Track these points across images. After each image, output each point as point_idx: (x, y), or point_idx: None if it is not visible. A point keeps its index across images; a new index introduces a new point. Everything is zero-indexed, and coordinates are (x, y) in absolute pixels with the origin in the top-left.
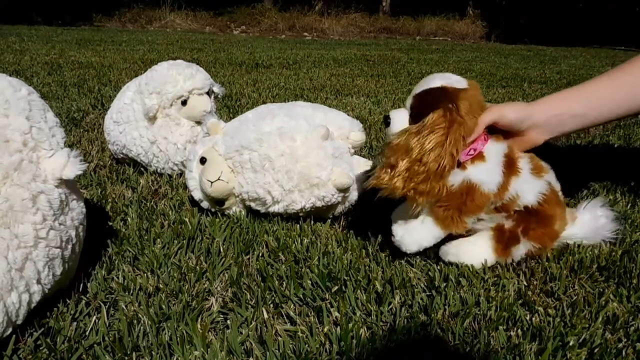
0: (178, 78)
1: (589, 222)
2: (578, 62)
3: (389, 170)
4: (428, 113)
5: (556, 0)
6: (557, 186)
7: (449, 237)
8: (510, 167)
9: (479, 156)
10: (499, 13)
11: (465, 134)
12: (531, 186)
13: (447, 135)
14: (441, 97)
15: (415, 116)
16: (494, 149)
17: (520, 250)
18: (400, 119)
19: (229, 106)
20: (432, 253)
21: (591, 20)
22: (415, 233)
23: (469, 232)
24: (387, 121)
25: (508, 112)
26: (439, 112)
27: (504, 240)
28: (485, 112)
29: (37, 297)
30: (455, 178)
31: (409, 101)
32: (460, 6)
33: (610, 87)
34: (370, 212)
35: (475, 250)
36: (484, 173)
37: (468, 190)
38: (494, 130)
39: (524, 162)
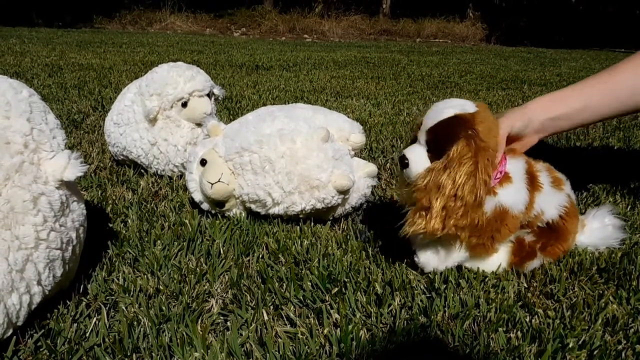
0: (178, 80)
1: (597, 231)
2: (578, 64)
3: (424, 213)
4: (448, 145)
5: (556, 2)
6: (573, 196)
7: None
8: (533, 183)
9: (506, 177)
10: (499, 15)
11: (492, 157)
12: (553, 200)
13: (477, 163)
14: (459, 127)
15: (435, 151)
16: (516, 168)
17: (534, 264)
18: (418, 157)
19: (229, 108)
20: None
21: (591, 23)
22: (440, 257)
23: None
24: (403, 162)
25: (516, 124)
26: (462, 142)
27: (521, 254)
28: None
29: (37, 299)
30: (488, 205)
31: (422, 136)
32: (461, 8)
33: (600, 89)
34: (371, 214)
35: (490, 262)
36: (513, 195)
37: (501, 216)
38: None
39: (544, 176)
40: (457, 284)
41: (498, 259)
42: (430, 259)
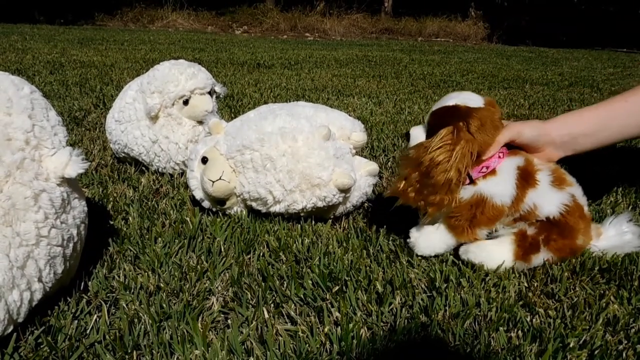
0: (180, 77)
1: (614, 238)
2: (580, 64)
3: (403, 182)
4: (439, 128)
5: (558, 2)
6: (583, 201)
7: None
8: (526, 179)
9: (491, 172)
10: (500, 14)
11: (475, 151)
12: (551, 197)
13: (453, 150)
14: (453, 115)
15: (431, 132)
16: (508, 164)
17: (540, 258)
18: (418, 134)
19: (231, 106)
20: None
21: (593, 23)
22: (429, 238)
23: (491, 236)
24: (407, 137)
25: (525, 131)
26: (448, 128)
27: (524, 245)
28: (503, 131)
29: (38, 296)
30: (466, 192)
31: (427, 118)
32: (462, 7)
33: (622, 110)
34: (372, 213)
35: (496, 251)
36: (495, 186)
37: (478, 203)
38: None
39: (543, 175)
40: (457, 283)
41: (501, 250)
42: (419, 239)
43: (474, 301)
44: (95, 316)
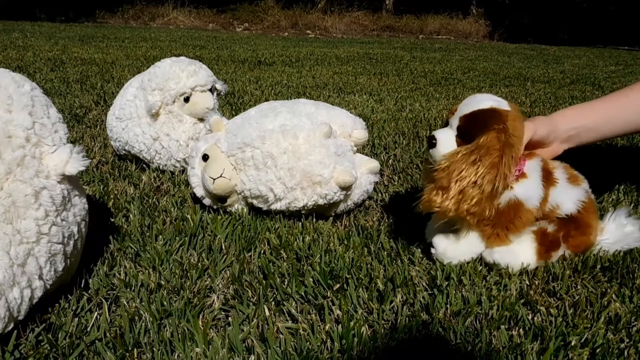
0: (181, 75)
1: (615, 232)
2: (581, 61)
3: (441, 193)
4: (478, 134)
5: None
6: (593, 197)
7: None
8: (547, 179)
9: (522, 175)
10: (502, 12)
11: (517, 154)
12: (570, 194)
13: (502, 157)
14: (493, 119)
15: (464, 137)
16: (532, 166)
17: (558, 254)
18: (446, 139)
19: (232, 103)
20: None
21: (594, 20)
22: (458, 246)
23: None
24: (431, 142)
25: (540, 128)
26: (492, 133)
27: (546, 243)
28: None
29: (38, 293)
30: (502, 197)
31: (455, 121)
32: (464, 5)
33: (624, 105)
34: (373, 210)
35: (521, 252)
36: (528, 189)
37: (515, 208)
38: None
39: (559, 172)
40: (459, 281)
41: (525, 250)
42: (447, 249)
43: (475, 299)
44: (96, 314)
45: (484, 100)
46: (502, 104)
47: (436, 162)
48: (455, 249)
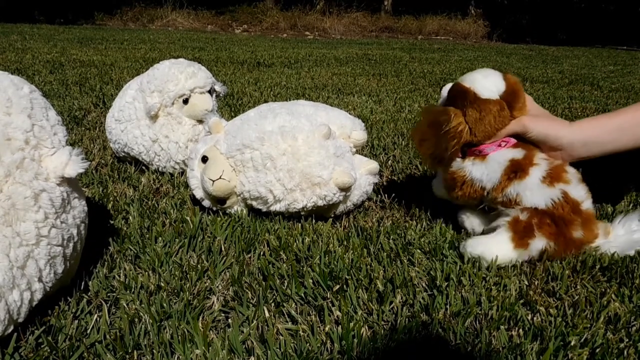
0: (180, 77)
1: (623, 237)
2: (580, 61)
3: (419, 139)
4: (448, 104)
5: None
6: (582, 198)
7: None
8: (515, 171)
9: (482, 157)
10: (501, 12)
11: (464, 137)
12: (537, 192)
13: (448, 125)
14: (458, 99)
15: (447, 101)
16: (503, 154)
17: (537, 244)
18: (443, 94)
19: (231, 105)
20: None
21: (593, 21)
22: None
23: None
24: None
25: (533, 128)
26: (452, 110)
27: (519, 229)
28: (511, 123)
29: (38, 295)
30: (454, 166)
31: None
32: (462, 5)
33: (634, 119)
34: (372, 211)
35: (494, 241)
36: (479, 172)
37: (460, 179)
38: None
39: (537, 170)
40: (458, 281)
41: (498, 240)
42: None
43: (474, 300)
44: (96, 316)
45: (473, 80)
46: (485, 91)
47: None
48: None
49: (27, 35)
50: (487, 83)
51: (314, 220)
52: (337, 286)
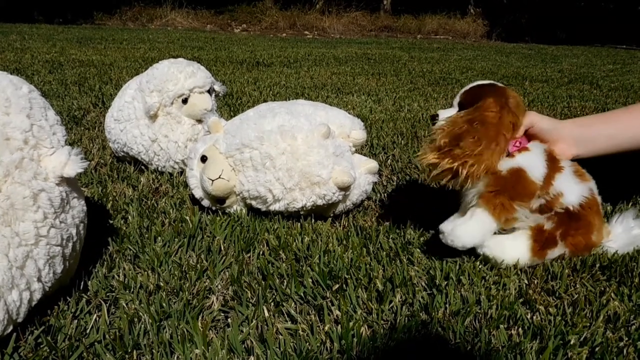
0: (179, 76)
1: (622, 235)
2: (579, 60)
3: (434, 150)
4: (476, 101)
5: None
6: (599, 198)
7: None
8: (553, 161)
9: (524, 148)
10: (500, 12)
11: (516, 123)
12: (574, 187)
13: (501, 116)
14: (492, 91)
15: (465, 108)
16: (536, 146)
17: (556, 253)
18: (447, 115)
19: (230, 104)
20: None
21: (592, 19)
22: (465, 226)
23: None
24: (434, 119)
25: (539, 121)
26: (491, 99)
27: (541, 240)
28: (525, 117)
29: (37, 295)
30: (504, 165)
31: (457, 99)
32: (462, 5)
33: (636, 119)
34: (371, 211)
35: (513, 246)
36: (530, 160)
37: (517, 174)
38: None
39: (566, 163)
40: (458, 280)
41: (517, 245)
42: (454, 229)
43: (474, 299)
44: (95, 316)
45: (484, 81)
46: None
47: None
48: (462, 227)
49: (26, 35)
50: (499, 84)
51: (313, 220)
52: (337, 285)
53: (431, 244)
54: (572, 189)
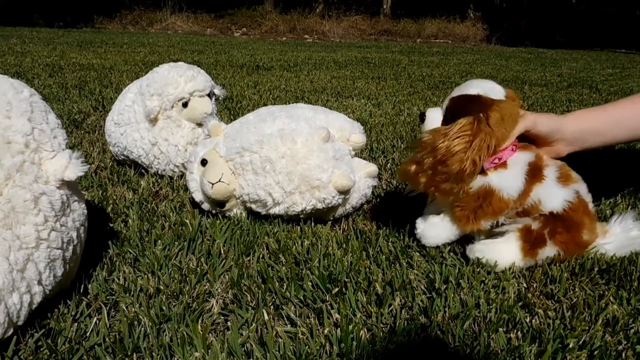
0: (179, 80)
1: (620, 236)
2: (579, 64)
3: (415, 165)
4: (458, 116)
5: (557, 3)
6: (588, 198)
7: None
8: (534, 173)
9: (502, 164)
10: (499, 16)
11: (492, 144)
12: (555, 193)
13: (472, 142)
14: (475, 105)
15: (449, 118)
16: (519, 158)
17: (547, 252)
18: (434, 118)
19: (230, 108)
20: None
21: (592, 24)
22: (435, 228)
23: (496, 233)
24: (422, 118)
25: (542, 123)
26: (468, 119)
27: (530, 240)
28: (521, 120)
29: (38, 298)
30: (475, 182)
31: (445, 103)
32: (461, 9)
33: (631, 111)
34: (371, 214)
35: (504, 249)
36: (504, 179)
37: (486, 194)
38: (524, 139)
39: (550, 170)
40: (457, 284)
41: (507, 247)
42: (425, 230)
43: (473, 302)
44: (95, 319)
45: (474, 87)
46: (493, 93)
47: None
48: (433, 230)
49: (26, 39)
50: (491, 86)
51: (313, 223)
52: (336, 289)
53: (430, 247)
54: (553, 196)
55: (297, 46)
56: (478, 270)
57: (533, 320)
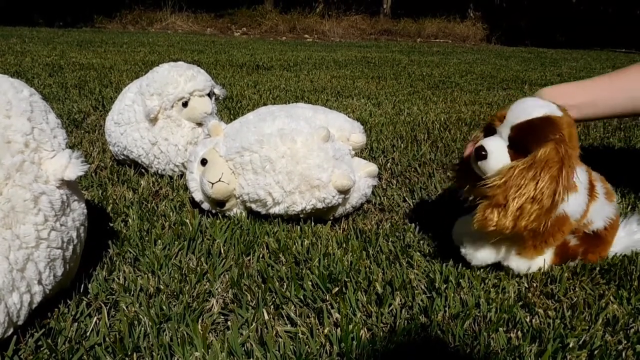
0: (179, 79)
1: (624, 239)
2: (579, 64)
3: (497, 210)
4: (533, 145)
5: (557, 2)
6: (619, 213)
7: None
8: (591, 192)
9: (574, 187)
10: (499, 15)
11: (573, 165)
12: (603, 211)
13: (561, 169)
14: (548, 129)
15: (518, 148)
16: (582, 177)
17: (570, 263)
18: (499, 151)
19: (230, 108)
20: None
21: (592, 23)
22: (484, 251)
23: None
24: (481, 153)
25: (552, 92)
26: (550, 145)
27: (564, 256)
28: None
29: (38, 298)
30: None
31: (506, 131)
32: (461, 8)
33: (609, 88)
34: (371, 214)
35: (538, 262)
36: (576, 203)
37: (561, 221)
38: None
39: (600, 187)
40: (457, 283)
41: (540, 261)
42: (475, 253)
43: (473, 302)
44: (95, 318)
45: (536, 108)
46: (553, 110)
47: (488, 176)
48: (483, 252)
49: (26, 38)
50: (549, 105)
51: (313, 223)
52: (336, 288)
53: (431, 247)
54: (601, 215)
55: (297, 46)
56: (478, 270)
57: (533, 320)
